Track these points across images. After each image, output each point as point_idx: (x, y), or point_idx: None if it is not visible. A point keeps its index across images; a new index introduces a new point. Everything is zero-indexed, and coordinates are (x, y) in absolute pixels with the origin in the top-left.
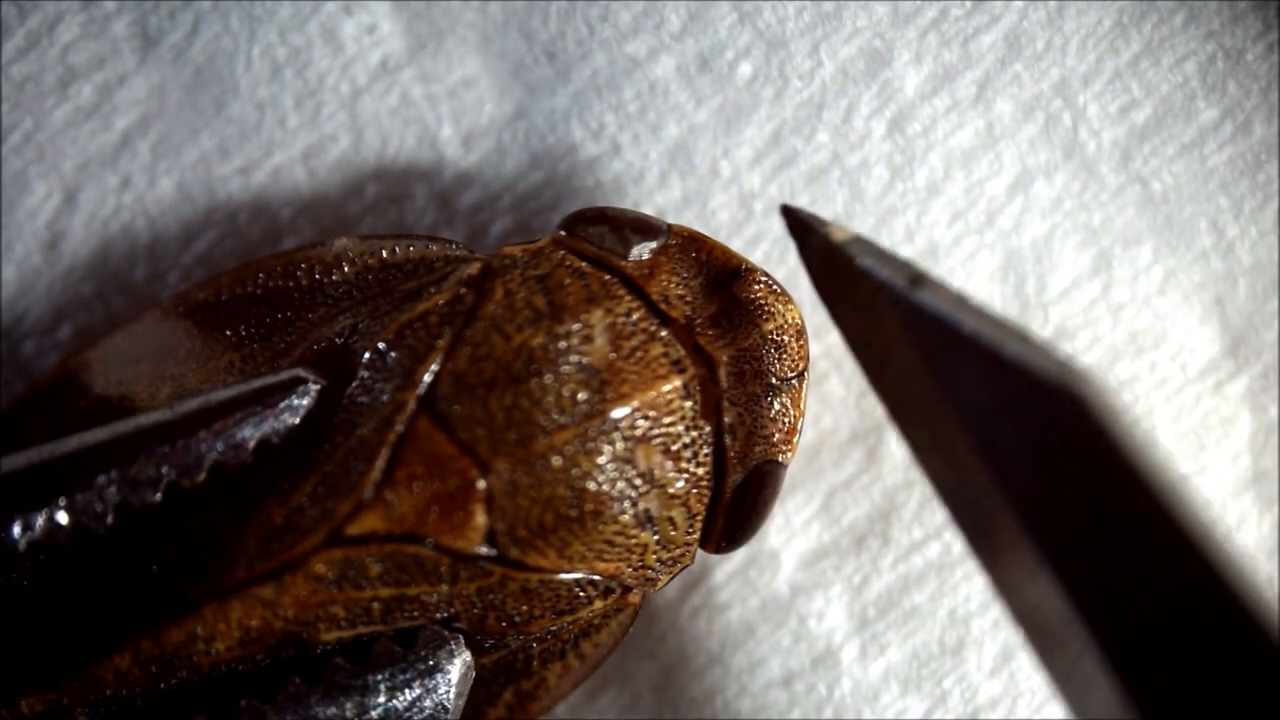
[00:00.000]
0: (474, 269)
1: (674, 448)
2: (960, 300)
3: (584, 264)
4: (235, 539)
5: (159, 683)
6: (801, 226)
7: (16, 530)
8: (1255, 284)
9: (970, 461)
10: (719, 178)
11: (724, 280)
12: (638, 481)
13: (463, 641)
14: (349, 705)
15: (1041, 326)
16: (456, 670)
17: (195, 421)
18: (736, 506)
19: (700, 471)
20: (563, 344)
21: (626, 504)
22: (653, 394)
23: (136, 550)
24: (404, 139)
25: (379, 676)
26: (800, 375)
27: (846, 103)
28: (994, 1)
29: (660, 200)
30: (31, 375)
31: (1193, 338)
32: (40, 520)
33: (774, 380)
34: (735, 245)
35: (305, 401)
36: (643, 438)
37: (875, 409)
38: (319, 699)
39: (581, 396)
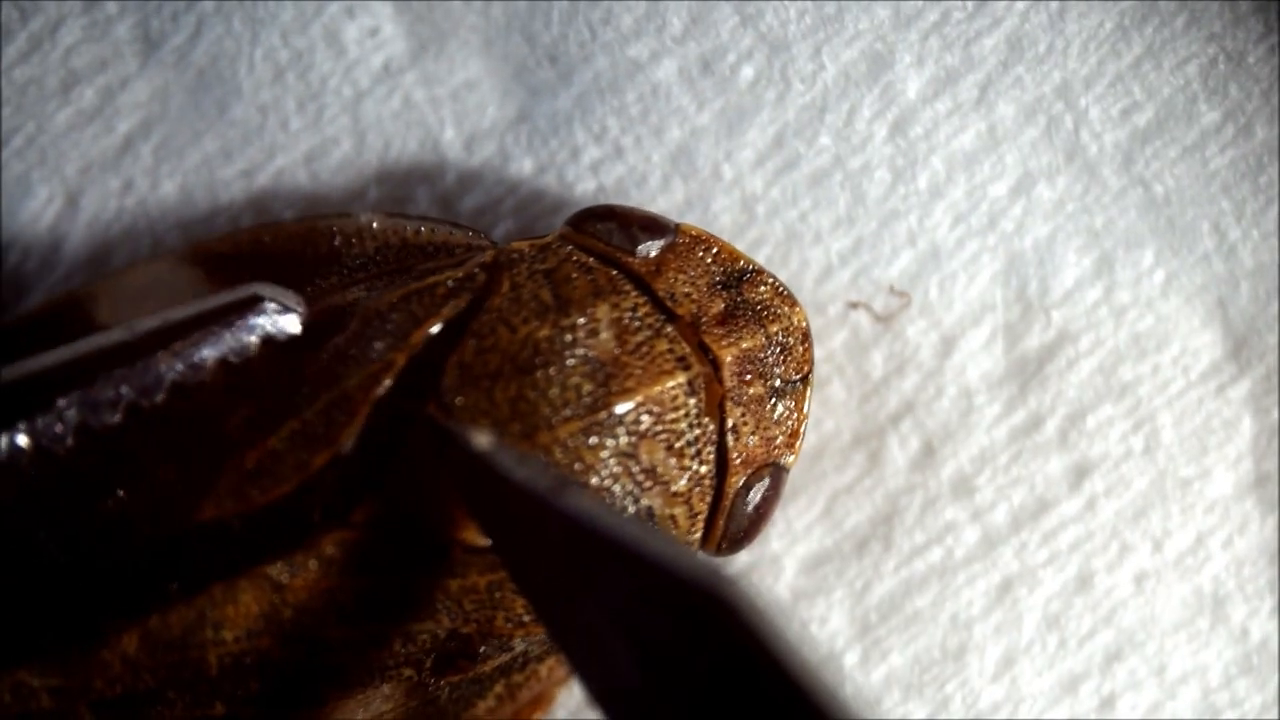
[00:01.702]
0: (488, 256)
1: (677, 445)
2: (602, 504)
3: (591, 259)
4: (203, 478)
5: (168, 679)
6: (440, 437)
7: None
8: (1258, 287)
9: (618, 659)
10: (721, 181)
11: (731, 280)
12: (640, 477)
13: None
14: None
15: (1044, 330)
16: None
17: (154, 341)
18: (738, 508)
19: (703, 470)
20: (568, 337)
21: (629, 500)
22: (657, 389)
23: (100, 482)
24: (406, 142)
25: None
26: (805, 378)
27: (849, 106)
28: (996, 4)
29: (662, 203)
30: None
31: (1195, 341)
32: (1, 443)
33: (778, 382)
34: (738, 248)
35: (263, 321)
36: (646, 433)
37: (877, 413)
38: None
39: (586, 389)
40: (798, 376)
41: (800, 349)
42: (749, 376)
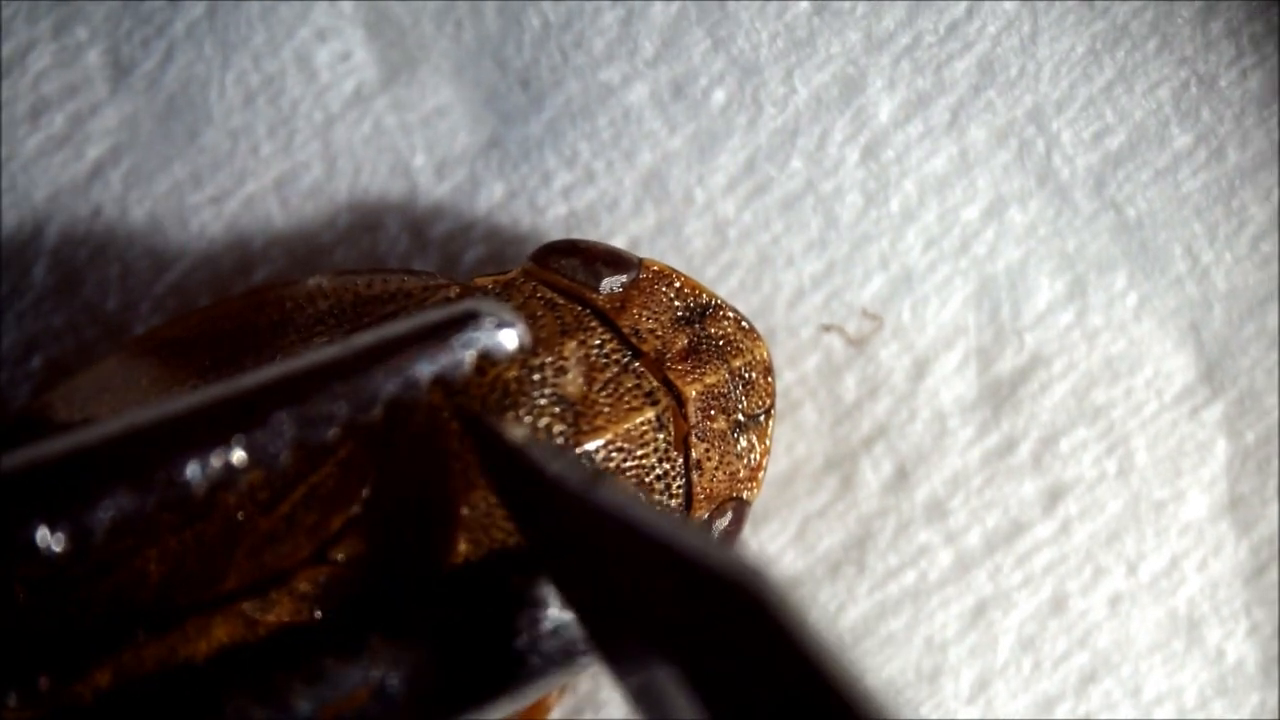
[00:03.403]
0: (454, 292)
1: (647, 480)
2: (637, 498)
3: (556, 296)
4: (224, 552)
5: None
6: (474, 428)
7: (193, 470)
8: (1230, 309)
9: (652, 652)
10: (693, 205)
11: (694, 316)
12: None
13: None
14: None
15: (1016, 353)
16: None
17: (370, 358)
18: None
19: (673, 504)
20: (537, 376)
21: None
22: (626, 426)
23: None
24: (377, 168)
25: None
26: (767, 412)
27: (820, 129)
28: (967, 29)
29: (634, 228)
30: (3, 405)
31: (1168, 363)
32: (215, 460)
33: (741, 417)
34: (709, 272)
35: (480, 336)
36: (617, 470)
37: (850, 436)
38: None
39: (557, 430)
40: (760, 410)
41: (763, 383)
42: (713, 412)
